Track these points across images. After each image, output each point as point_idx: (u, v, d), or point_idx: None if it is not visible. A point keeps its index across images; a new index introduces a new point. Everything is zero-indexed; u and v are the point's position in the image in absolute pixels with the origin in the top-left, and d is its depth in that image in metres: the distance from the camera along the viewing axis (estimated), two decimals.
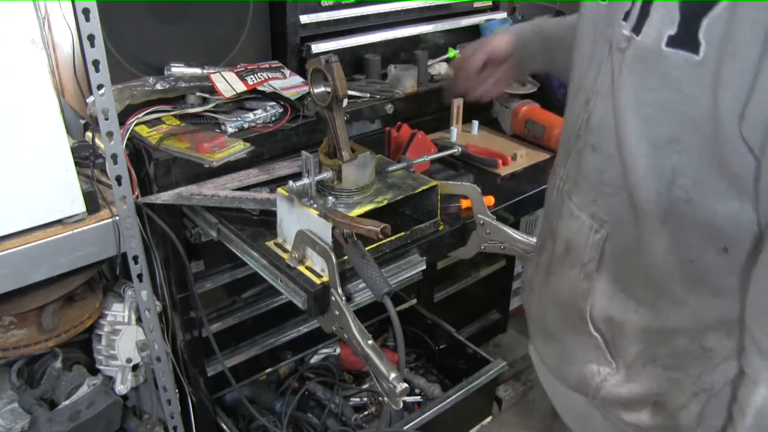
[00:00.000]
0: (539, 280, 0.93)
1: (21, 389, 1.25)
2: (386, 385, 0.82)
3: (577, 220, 0.80)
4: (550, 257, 0.88)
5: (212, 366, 1.50)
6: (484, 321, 2.38)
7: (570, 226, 0.82)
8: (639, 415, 0.82)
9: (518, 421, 2.19)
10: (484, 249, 1.19)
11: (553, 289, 0.88)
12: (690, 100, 0.62)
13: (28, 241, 1.10)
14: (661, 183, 0.67)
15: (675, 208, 0.68)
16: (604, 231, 0.77)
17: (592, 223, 0.78)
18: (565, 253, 0.84)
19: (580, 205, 0.80)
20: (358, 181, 1.05)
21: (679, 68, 0.62)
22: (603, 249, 0.78)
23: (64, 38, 1.36)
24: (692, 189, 0.66)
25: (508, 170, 1.43)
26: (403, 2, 1.64)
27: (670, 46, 0.62)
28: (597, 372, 0.84)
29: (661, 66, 0.63)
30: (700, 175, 0.65)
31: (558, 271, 0.86)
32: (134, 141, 1.24)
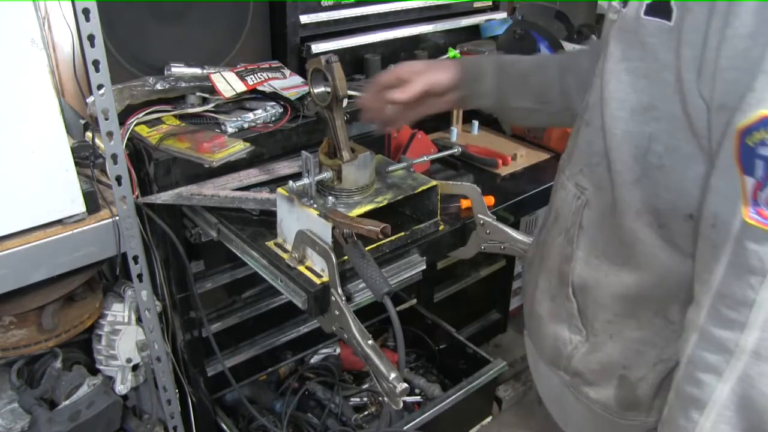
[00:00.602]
0: (537, 256, 0.96)
1: (21, 389, 1.25)
2: (386, 385, 0.82)
3: (564, 190, 0.85)
4: (547, 231, 0.92)
5: (212, 366, 1.50)
6: (484, 321, 2.38)
7: (559, 196, 0.86)
8: (604, 390, 0.85)
9: (518, 421, 2.19)
10: (484, 249, 1.19)
11: (545, 258, 0.91)
12: (664, 66, 0.66)
13: (28, 241, 1.10)
14: (638, 149, 0.71)
15: (648, 173, 0.71)
16: (584, 197, 0.81)
17: (575, 191, 0.82)
18: (554, 221, 0.88)
19: (569, 176, 0.84)
20: (358, 181, 1.05)
21: (654, 35, 0.66)
22: (582, 215, 0.82)
23: (64, 38, 1.36)
24: (665, 155, 0.69)
25: (508, 170, 1.44)
26: (403, 2, 1.64)
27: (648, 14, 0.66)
28: (569, 340, 0.87)
29: (641, 34, 0.68)
30: (673, 141, 0.68)
31: (548, 240, 0.90)
32: (134, 141, 1.24)
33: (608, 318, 0.82)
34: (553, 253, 0.88)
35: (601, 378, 0.85)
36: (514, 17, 1.93)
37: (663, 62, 0.66)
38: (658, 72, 0.67)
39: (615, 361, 0.83)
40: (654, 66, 0.67)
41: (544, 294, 0.92)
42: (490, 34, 1.83)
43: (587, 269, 0.83)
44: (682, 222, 0.71)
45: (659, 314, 0.78)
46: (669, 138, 0.68)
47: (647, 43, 0.67)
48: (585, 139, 0.81)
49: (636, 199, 0.73)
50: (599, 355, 0.84)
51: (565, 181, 0.85)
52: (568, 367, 0.88)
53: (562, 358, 0.89)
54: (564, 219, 0.85)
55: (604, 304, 0.82)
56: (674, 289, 0.75)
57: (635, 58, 0.69)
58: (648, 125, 0.69)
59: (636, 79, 0.69)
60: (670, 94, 0.66)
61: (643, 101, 0.69)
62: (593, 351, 0.85)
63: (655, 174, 0.70)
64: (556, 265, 0.87)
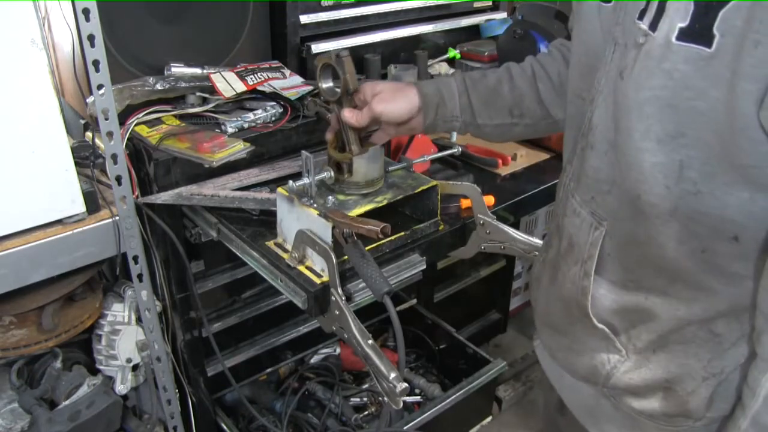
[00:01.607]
0: (546, 276, 0.94)
1: (21, 389, 1.25)
2: (386, 385, 0.82)
3: (578, 217, 0.82)
4: (557, 254, 0.89)
5: (212, 366, 1.50)
6: (484, 321, 2.38)
7: (573, 223, 0.83)
8: (649, 402, 0.84)
9: (518, 421, 2.19)
10: (484, 249, 1.19)
11: (558, 285, 0.89)
12: (697, 94, 0.62)
13: (28, 241, 1.10)
14: (669, 177, 0.68)
15: (684, 201, 0.68)
16: (603, 228, 0.78)
17: (591, 220, 0.80)
18: (568, 249, 0.85)
19: (581, 202, 0.81)
20: (368, 174, 1.05)
21: (688, 62, 0.62)
22: (603, 244, 0.79)
23: (64, 38, 1.36)
24: (700, 181, 0.66)
25: (508, 170, 1.44)
26: (403, 2, 1.64)
27: (680, 39, 0.62)
28: (607, 360, 0.85)
29: (668, 62, 0.64)
30: (708, 167, 0.65)
31: (562, 268, 0.87)
32: (134, 141, 1.24)
33: (651, 338, 0.81)
34: (568, 282, 0.86)
35: (645, 392, 0.84)
36: (514, 17, 1.93)
37: (695, 90, 0.62)
38: (688, 100, 0.63)
39: (659, 377, 0.82)
40: (682, 94, 0.63)
41: (563, 318, 0.90)
42: (490, 34, 1.83)
43: (622, 295, 0.81)
44: (726, 244, 0.69)
45: (704, 328, 0.77)
46: (702, 165, 0.66)
47: (676, 71, 0.63)
48: (591, 165, 0.78)
49: (675, 229, 0.71)
50: (642, 371, 0.83)
51: (578, 208, 0.82)
52: (606, 383, 0.87)
53: (599, 376, 0.87)
54: (580, 249, 0.82)
55: (646, 327, 0.80)
56: (720, 308, 0.74)
57: (657, 86, 0.65)
58: (677, 153, 0.66)
59: (659, 109, 0.66)
60: (702, 122, 0.63)
61: (669, 130, 0.66)
62: (635, 368, 0.83)
63: (691, 200, 0.68)
64: (572, 296, 0.85)
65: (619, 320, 0.83)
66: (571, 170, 0.85)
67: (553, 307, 0.92)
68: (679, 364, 0.80)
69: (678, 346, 0.79)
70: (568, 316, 0.88)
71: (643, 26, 0.66)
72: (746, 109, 0.59)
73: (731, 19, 0.58)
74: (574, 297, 0.85)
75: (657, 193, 0.70)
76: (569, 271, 0.85)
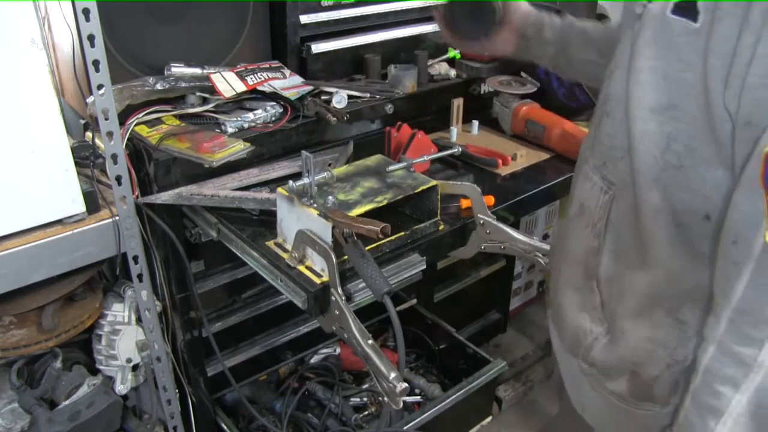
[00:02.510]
0: (560, 243, 0.97)
1: (21, 389, 1.25)
2: (386, 385, 0.82)
3: (590, 182, 0.85)
4: (568, 219, 0.92)
5: (212, 366, 1.50)
6: (484, 321, 2.38)
7: (584, 188, 0.86)
8: (618, 383, 0.86)
9: (518, 421, 2.19)
10: (484, 249, 1.19)
11: (569, 249, 0.92)
12: (688, 66, 0.65)
13: (28, 241, 1.10)
14: (657, 147, 0.71)
15: (666, 173, 0.71)
16: (611, 192, 0.81)
17: (602, 185, 0.82)
18: (579, 212, 0.88)
19: (593, 168, 0.84)
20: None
21: (680, 35, 0.65)
22: (609, 210, 0.82)
23: (64, 38, 1.36)
24: (684, 155, 0.69)
25: (508, 170, 1.43)
26: (403, 2, 1.64)
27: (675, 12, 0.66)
28: (590, 331, 0.88)
29: (666, 33, 0.67)
30: (693, 142, 0.68)
31: (573, 232, 0.90)
32: (134, 141, 1.24)
33: (625, 314, 0.83)
34: (579, 244, 0.88)
35: (615, 372, 0.86)
36: None
37: (687, 62, 0.65)
38: (680, 72, 0.66)
39: (627, 358, 0.84)
40: (676, 65, 0.66)
41: (567, 283, 0.93)
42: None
43: (612, 264, 0.84)
44: (699, 222, 0.71)
45: (670, 314, 0.79)
46: (688, 139, 0.68)
47: (672, 42, 0.66)
48: (606, 132, 0.81)
49: (655, 198, 0.73)
50: (617, 349, 0.85)
51: (590, 173, 0.85)
52: (586, 356, 0.90)
53: (581, 347, 0.90)
54: (590, 212, 0.85)
55: (623, 300, 0.83)
56: (687, 289, 0.76)
57: (656, 56, 0.68)
58: (667, 125, 0.69)
59: (655, 78, 0.69)
60: (691, 95, 0.66)
61: (662, 100, 0.69)
62: (612, 344, 0.86)
63: (673, 174, 0.70)
64: (581, 257, 0.88)
65: (607, 290, 0.86)
66: (588, 140, 0.88)
67: (563, 271, 0.95)
68: (646, 349, 0.82)
69: (647, 331, 0.81)
70: (574, 279, 0.91)
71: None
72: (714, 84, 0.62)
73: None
74: (584, 258, 0.87)
75: (643, 161, 0.73)
76: (579, 234, 0.88)
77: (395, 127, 1.38)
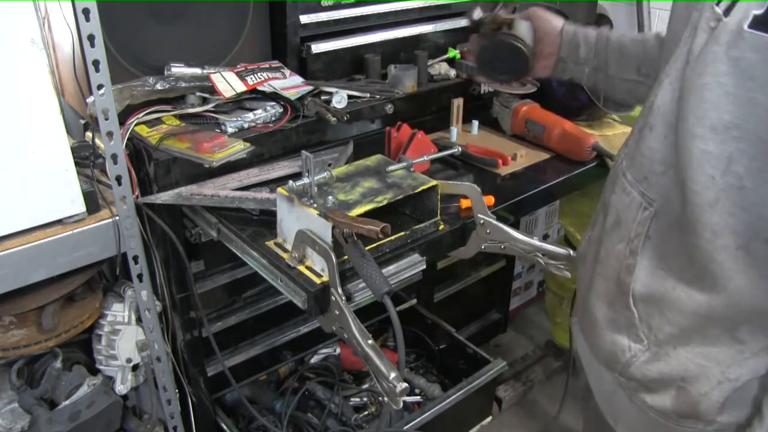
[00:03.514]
0: (591, 253, 0.94)
1: (21, 389, 1.25)
2: (386, 385, 0.82)
3: (628, 196, 0.82)
4: (601, 230, 0.90)
5: (212, 366, 1.50)
6: (484, 321, 2.38)
7: (621, 201, 0.84)
8: (662, 398, 0.83)
9: (518, 421, 2.19)
10: (484, 249, 1.19)
11: (602, 262, 0.89)
12: (759, 86, 0.62)
13: (28, 241, 1.10)
14: (716, 168, 0.68)
15: (726, 193, 0.68)
16: (652, 209, 0.79)
17: (641, 201, 0.80)
18: (614, 225, 0.86)
19: (632, 182, 0.82)
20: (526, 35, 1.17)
21: (758, 51, 0.61)
22: (649, 226, 0.79)
23: (64, 38, 1.36)
24: (746, 177, 0.66)
25: (508, 170, 1.43)
26: (403, 2, 1.64)
27: (753, 27, 0.61)
28: (628, 348, 0.86)
29: (736, 49, 0.63)
30: (756, 164, 0.65)
31: (606, 244, 0.88)
32: (134, 141, 1.24)
33: (672, 331, 0.80)
34: (612, 259, 0.86)
35: (659, 387, 0.84)
36: None
37: (759, 81, 0.62)
38: (749, 91, 0.63)
39: (675, 373, 0.81)
40: (745, 84, 0.63)
41: (600, 297, 0.90)
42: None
43: (652, 280, 0.81)
44: (761, 245, 0.68)
45: (727, 333, 0.76)
46: (751, 160, 0.65)
47: (743, 59, 0.63)
48: (648, 145, 0.78)
49: (713, 219, 0.70)
50: (660, 365, 0.82)
51: (628, 187, 0.82)
52: (624, 372, 0.87)
53: (618, 363, 0.87)
54: (627, 227, 0.82)
55: (670, 318, 0.80)
56: (747, 311, 0.73)
57: (721, 73, 0.65)
58: (727, 144, 0.66)
59: (718, 96, 0.65)
60: (759, 114, 0.63)
61: (725, 120, 0.66)
62: (653, 360, 0.83)
63: (734, 194, 0.68)
64: (614, 273, 0.85)
65: (645, 307, 0.83)
66: (626, 150, 0.86)
67: (595, 283, 0.92)
68: (698, 364, 0.79)
69: (699, 347, 0.79)
70: (606, 294, 0.89)
71: (718, 10, 0.66)
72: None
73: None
74: (617, 275, 0.85)
75: (701, 182, 0.69)
76: (614, 248, 0.85)
77: (395, 127, 1.38)
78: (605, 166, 1.46)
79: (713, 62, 0.65)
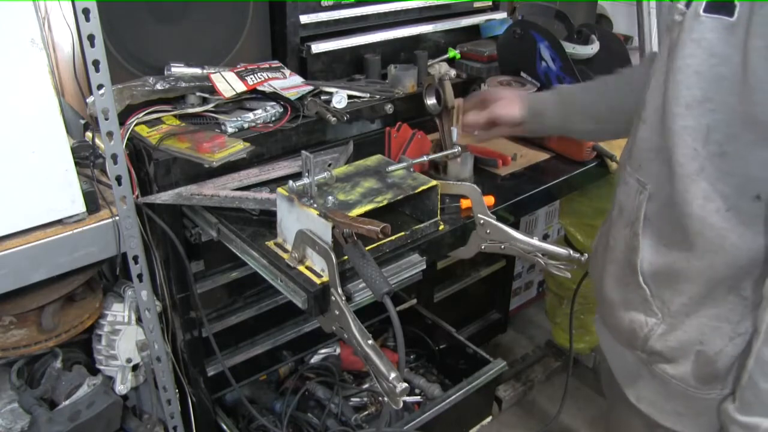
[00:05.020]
0: (602, 244, 1.02)
1: (21, 389, 1.25)
2: (386, 385, 0.82)
3: (627, 185, 0.91)
4: (609, 221, 0.99)
5: (212, 366, 1.50)
6: (484, 321, 2.38)
7: (623, 191, 0.92)
8: (683, 366, 0.89)
9: (518, 421, 2.19)
10: (484, 249, 1.19)
11: (611, 249, 0.97)
12: (721, 60, 0.70)
13: (28, 241, 1.10)
14: (697, 140, 0.75)
15: (710, 161, 0.75)
16: (646, 192, 0.86)
17: (637, 186, 0.88)
18: (618, 214, 0.94)
19: (630, 171, 0.90)
20: (460, 174, 1.29)
21: (713, 31, 0.70)
22: (646, 208, 0.87)
23: (64, 38, 1.36)
24: (725, 142, 0.73)
25: (508, 170, 1.43)
26: (403, 2, 1.64)
27: (707, 11, 0.71)
28: (645, 323, 0.92)
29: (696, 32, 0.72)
30: (732, 129, 0.72)
31: (614, 232, 0.96)
32: (134, 141, 1.24)
33: (683, 301, 0.86)
34: (620, 243, 0.93)
35: (679, 355, 0.89)
36: (514, 17, 1.93)
37: (719, 56, 0.70)
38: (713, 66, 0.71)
39: (692, 338, 0.87)
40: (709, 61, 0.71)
41: (615, 281, 0.97)
42: (490, 34, 1.83)
43: (657, 257, 0.87)
44: (749, 203, 0.75)
45: (732, 291, 0.82)
46: (727, 127, 0.72)
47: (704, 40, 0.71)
48: (641, 137, 0.86)
49: (701, 188, 0.77)
50: (677, 333, 0.88)
51: (627, 177, 0.90)
52: (644, 347, 0.92)
53: (638, 339, 0.93)
54: (628, 213, 0.90)
55: (678, 288, 0.86)
56: (746, 266, 0.79)
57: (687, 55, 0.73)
58: (704, 117, 0.73)
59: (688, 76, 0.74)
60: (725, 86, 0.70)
61: (696, 95, 0.73)
62: (671, 331, 0.89)
63: (717, 161, 0.74)
64: (624, 256, 0.92)
65: (654, 283, 0.89)
66: (627, 146, 0.95)
67: (607, 272, 0.99)
68: (712, 327, 0.85)
69: (710, 310, 0.85)
70: (620, 278, 0.95)
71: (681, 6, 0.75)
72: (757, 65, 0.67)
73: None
74: (626, 257, 0.92)
75: (686, 154, 0.77)
76: (620, 234, 0.93)
77: (395, 127, 1.38)
78: (605, 166, 1.46)
79: (681, 48, 0.74)
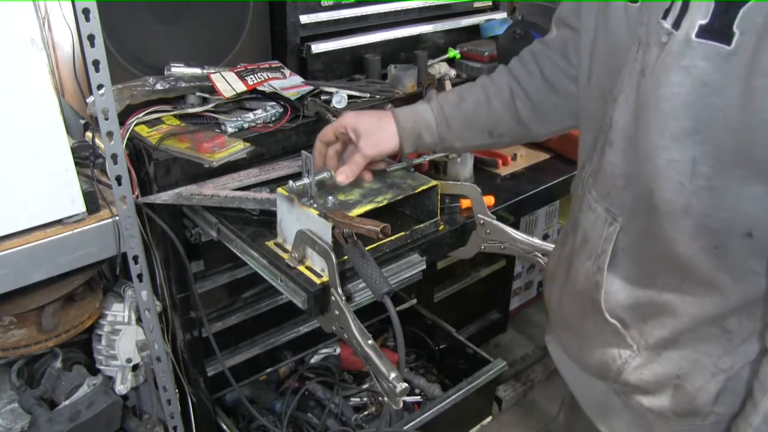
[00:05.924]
0: (561, 272, 0.94)
1: (21, 389, 1.25)
2: (386, 385, 0.82)
3: (593, 213, 0.83)
4: (571, 249, 0.90)
5: (212, 366, 1.50)
6: (484, 321, 2.38)
7: (588, 218, 0.84)
8: (659, 399, 0.84)
9: (518, 421, 2.19)
10: (484, 249, 1.19)
11: (572, 280, 0.90)
12: (714, 91, 0.63)
13: (28, 241, 1.10)
14: (683, 174, 0.68)
15: (697, 197, 0.69)
16: (617, 224, 0.79)
17: (606, 216, 0.80)
18: (582, 243, 0.86)
19: (597, 198, 0.82)
20: (460, 174, 1.31)
21: (707, 59, 0.63)
22: (617, 241, 0.80)
23: (64, 38, 1.36)
24: (713, 176, 0.67)
25: (508, 170, 1.44)
26: (403, 2, 1.64)
27: (700, 36, 0.63)
28: (618, 355, 0.86)
29: (686, 58, 0.64)
30: (721, 162, 0.66)
31: (575, 263, 0.88)
32: (134, 141, 1.24)
33: (663, 334, 0.81)
34: (581, 275, 0.86)
35: (655, 388, 0.84)
36: (514, 17, 1.93)
37: (712, 86, 0.63)
38: (704, 97, 0.64)
39: (670, 372, 0.82)
40: (699, 90, 0.64)
41: (576, 312, 0.91)
42: (490, 34, 1.83)
43: (638, 290, 0.81)
44: (739, 240, 0.69)
45: (716, 325, 0.77)
46: (714, 160, 0.66)
47: (694, 67, 0.64)
48: (609, 161, 0.79)
49: (689, 224, 0.71)
50: (653, 366, 0.83)
51: (593, 203, 0.83)
52: (617, 378, 0.87)
53: (611, 372, 0.87)
54: (593, 244, 0.83)
55: (659, 321, 0.80)
56: (732, 305, 0.74)
57: (675, 83, 0.65)
58: (691, 149, 0.67)
59: (675, 106, 0.66)
60: (717, 119, 0.64)
61: (685, 127, 0.66)
62: (646, 363, 0.83)
63: (704, 196, 0.68)
64: (585, 289, 0.86)
65: (631, 315, 0.83)
66: (590, 167, 0.86)
67: (566, 302, 0.93)
68: (691, 360, 0.80)
69: (689, 344, 0.79)
70: (581, 310, 0.89)
71: (667, 25, 0.67)
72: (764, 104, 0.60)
73: (752, 17, 0.59)
74: (587, 291, 0.85)
75: (671, 190, 0.70)
76: (582, 266, 0.86)
77: None
78: None
79: (667, 74, 0.66)
